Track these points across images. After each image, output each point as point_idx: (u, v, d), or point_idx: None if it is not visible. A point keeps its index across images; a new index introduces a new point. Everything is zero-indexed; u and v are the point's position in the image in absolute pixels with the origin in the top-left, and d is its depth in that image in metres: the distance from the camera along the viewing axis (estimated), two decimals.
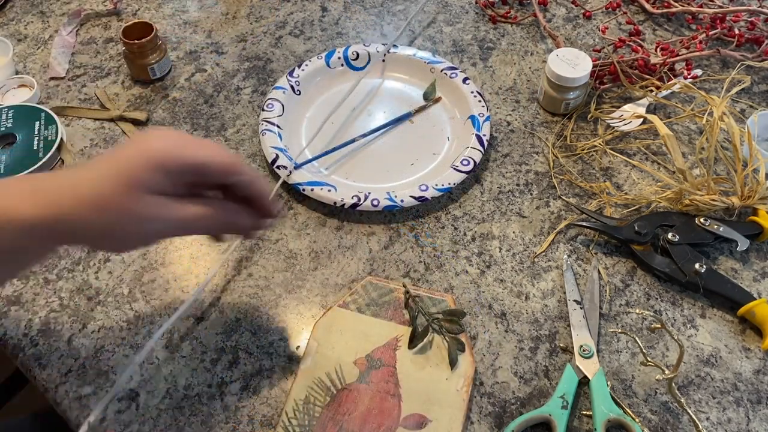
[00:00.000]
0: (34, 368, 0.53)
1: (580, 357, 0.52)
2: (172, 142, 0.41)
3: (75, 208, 0.40)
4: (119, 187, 0.39)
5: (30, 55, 0.79)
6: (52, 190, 0.40)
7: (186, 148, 0.41)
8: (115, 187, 0.39)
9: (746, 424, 0.51)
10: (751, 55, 0.76)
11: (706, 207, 0.60)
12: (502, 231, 0.62)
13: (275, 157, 0.65)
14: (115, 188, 0.39)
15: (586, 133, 0.71)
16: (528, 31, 0.82)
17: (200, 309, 0.56)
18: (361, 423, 0.49)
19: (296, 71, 0.74)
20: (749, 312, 0.55)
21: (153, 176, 0.40)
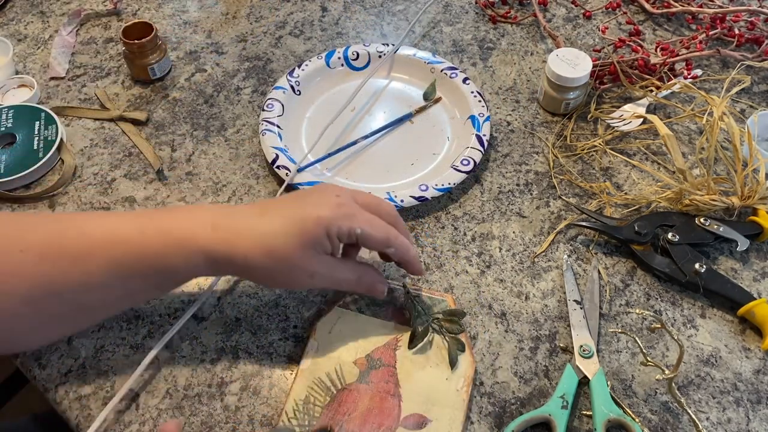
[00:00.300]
0: (34, 368, 0.53)
1: (580, 357, 0.52)
2: (342, 212, 0.47)
3: (249, 251, 0.46)
4: (295, 246, 0.46)
5: (30, 55, 0.79)
6: (231, 231, 0.47)
7: (353, 219, 0.48)
8: (291, 245, 0.46)
9: (746, 424, 0.51)
10: (751, 55, 0.76)
11: (706, 207, 0.60)
12: (502, 231, 0.62)
13: (275, 157, 0.65)
14: (292, 246, 0.46)
15: (586, 133, 0.71)
16: (528, 31, 0.82)
17: (200, 309, 0.56)
18: (361, 423, 0.49)
19: (296, 71, 0.74)
20: (749, 312, 0.55)
21: (323, 241, 0.47)
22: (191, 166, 0.68)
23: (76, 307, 0.47)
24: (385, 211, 0.51)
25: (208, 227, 0.47)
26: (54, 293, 0.46)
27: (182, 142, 0.70)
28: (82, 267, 0.46)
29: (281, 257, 0.47)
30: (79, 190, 0.66)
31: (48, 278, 0.46)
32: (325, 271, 0.49)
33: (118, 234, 0.47)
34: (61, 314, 0.47)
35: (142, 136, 0.70)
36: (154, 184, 0.66)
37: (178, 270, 0.48)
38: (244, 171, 0.67)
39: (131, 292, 0.49)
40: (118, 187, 0.66)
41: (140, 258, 0.46)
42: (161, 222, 0.48)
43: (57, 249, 0.46)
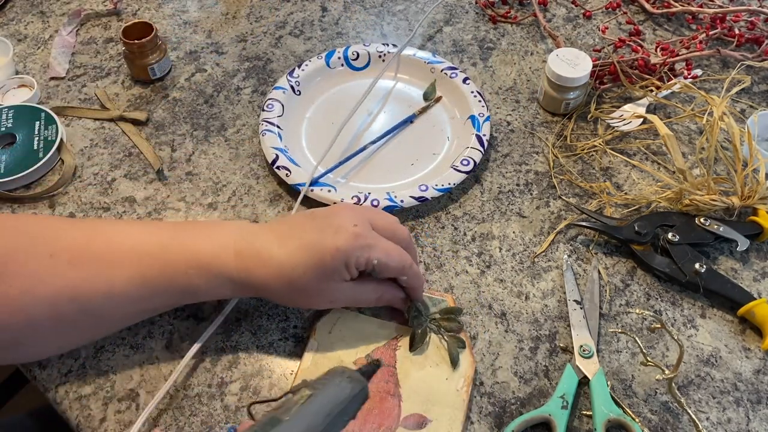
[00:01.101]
0: (34, 368, 0.53)
1: (580, 357, 0.52)
2: (360, 243, 0.48)
3: (270, 281, 0.48)
4: (314, 278, 0.48)
5: (30, 55, 0.79)
6: (253, 260, 0.48)
7: (371, 249, 0.48)
8: (310, 276, 0.48)
9: (746, 424, 0.51)
10: (751, 55, 0.76)
11: (706, 207, 0.60)
12: (502, 231, 0.62)
13: (275, 157, 0.65)
14: (310, 277, 0.48)
15: (586, 133, 0.71)
16: (528, 31, 0.82)
17: (200, 309, 0.56)
18: (361, 423, 0.49)
19: (296, 71, 0.74)
20: (749, 312, 0.55)
21: (340, 270, 0.48)
22: (191, 166, 0.68)
23: (96, 316, 0.48)
24: (400, 236, 0.52)
25: (231, 253, 0.48)
26: (77, 300, 0.47)
27: (182, 142, 0.70)
28: (108, 275, 0.47)
29: (301, 288, 0.48)
30: (79, 190, 0.66)
31: (74, 285, 0.47)
32: (344, 297, 0.51)
33: (144, 248, 0.48)
34: (80, 322, 0.48)
35: (142, 136, 0.70)
36: (154, 184, 0.66)
37: (200, 290, 0.49)
38: (244, 171, 0.67)
39: (152, 305, 0.50)
40: (118, 187, 0.66)
41: (164, 274, 0.48)
42: (185, 241, 0.49)
43: (85, 256, 0.48)
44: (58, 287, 0.46)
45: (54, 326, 0.47)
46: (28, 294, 0.46)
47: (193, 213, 0.64)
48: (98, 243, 0.49)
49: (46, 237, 0.48)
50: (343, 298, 0.51)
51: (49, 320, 0.47)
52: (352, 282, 0.50)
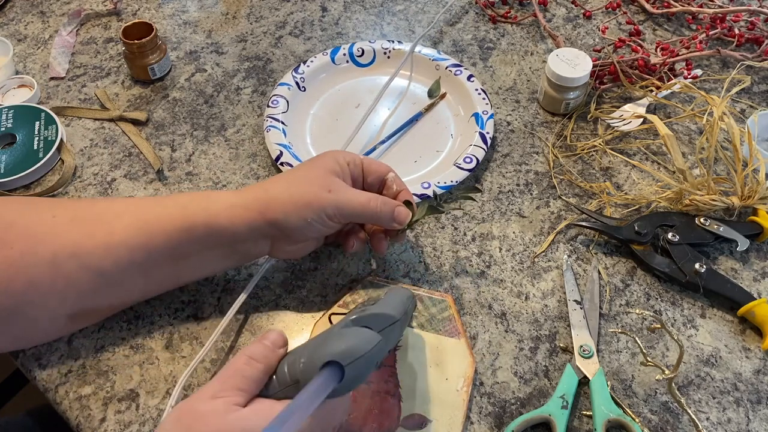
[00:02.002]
0: (34, 368, 0.53)
1: (580, 357, 0.52)
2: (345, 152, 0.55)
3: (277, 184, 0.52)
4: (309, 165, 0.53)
5: (30, 55, 0.79)
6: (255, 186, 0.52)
7: (355, 154, 0.55)
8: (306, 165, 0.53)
9: (746, 424, 0.51)
10: (751, 55, 0.76)
11: (706, 207, 0.60)
12: (502, 231, 0.62)
13: (279, 153, 0.65)
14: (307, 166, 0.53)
15: (586, 133, 0.71)
16: (528, 31, 0.82)
17: (200, 309, 0.56)
18: (361, 423, 0.49)
19: (301, 67, 0.74)
20: (749, 312, 0.55)
21: (333, 163, 0.52)
22: (191, 166, 0.68)
23: (95, 272, 0.48)
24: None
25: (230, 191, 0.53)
26: (76, 255, 0.47)
27: (182, 142, 0.70)
28: (107, 227, 0.48)
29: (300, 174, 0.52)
30: (79, 190, 0.66)
31: (74, 241, 0.48)
32: (338, 187, 0.52)
33: (145, 200, 0.51)
34: (81, 281, 0.48)
35: (142, 136, 0.70)
36: (154, 184, 0.66)
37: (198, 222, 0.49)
38: (244, 171, 0.67)
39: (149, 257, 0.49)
40: (118, 187, 0.66)
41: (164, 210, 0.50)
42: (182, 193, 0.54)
43: (86, 214, 0.50)
44: (59, 245, 0.47)
45: (56, 286, 0.47)
46: (28, 254, 0.46)
47: None
48: (100, 204, 0.51)
49: (48, 204, 0.51)
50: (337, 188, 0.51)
51: (51, 280, 0.47)
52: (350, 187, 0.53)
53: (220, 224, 0.49)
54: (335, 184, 0.51)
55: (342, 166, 0.53)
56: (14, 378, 1.18)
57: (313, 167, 0.52)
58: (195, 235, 0.49)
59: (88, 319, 0.53)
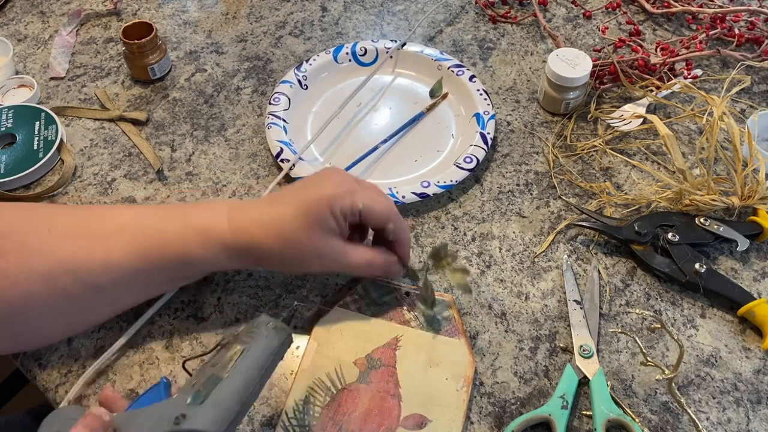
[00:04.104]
0: (34, 368, 0.53)
1: (580, 357, 0.52)
2: (344, 189, 0.49)
3: (261, 236, 0.49)
4: (302, 227, 0.48)
5: (30, 55, 0.79)
6: (245, 221, 0.49)
7: (355, 195, 0.49)
8: (299, 226, 0.48)
9: (746, 424, 0.51)
10: (751, 55, 0.76)
11: (706, 207, 0.60)
12: (502, 231, 0.62)
13: (280, 150, 0.65)
14: (299, 227, 0.48)
15: (586, 133, 0.71)
16: (528, 31, 0.82)
17: (200, 309, 0.56)
18: (361, 423, 0.49)
19: (303, 65, 0.74)
20: (749, 312, 0.55)
21: (328, 219, 0.48)
22: (191, 166, 0.68)
23: (93, 288, 0.48)
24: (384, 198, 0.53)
25: (224, 220, 0.50)
26: (73, 271, 0.47)
27: (182, 142, 0.70)
28: (105, 246, 0.48)
29: (291, 239, 0.49)
30: (79, 190, 0.66)
31: (70, 255, 0.47)
32: (333, 253, 0.50)
33: (142, 220, 0.50)
34: (78, 295, 0.48)
35: (142, 136, 0.70)
36: (154, 184, 0.66)
37: (196, 259, 0.50)
38: (244, 171, 0.67)
39: (149, 278, 0.50)
40: (118, 187, 0.66)
41: (161, 244, 0.49)
42: (183, 212, 0.51)
43: (82, 228, 0.49)
44: (55, 259, 0.47)
45: (52, 300, 0.47)
46: (24, 267, 0.46)
47: None
48: (96, 217, 0.50)
49: (44, 214, 0.50)
50: (331, 254, 0.50)
51: (47, 293, 0.47)
52: (341, 241, 0.50)
53: (217, 262, 0.51)
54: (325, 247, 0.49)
55: (338, 220, 0.49)
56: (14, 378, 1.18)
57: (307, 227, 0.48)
58: (193, 266, 0.51)
59: (87, 325, 0.54)
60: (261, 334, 0.43)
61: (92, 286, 0.48)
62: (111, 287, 0.49)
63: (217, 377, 0.40)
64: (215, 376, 0.41)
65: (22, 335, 0.50)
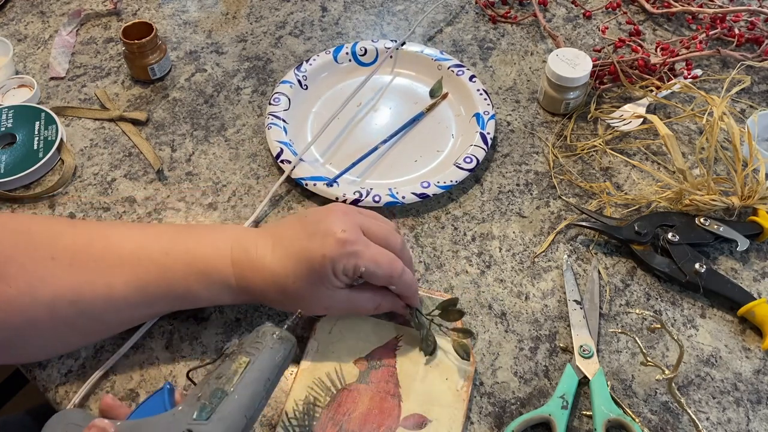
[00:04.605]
0: (34, 368, 0.53)
1: (580, 357, 0.52)
2: (347, 250, 0.47)
3: (265, 289, 0.49)
4: (305, 285, 0.48)
5: (30, 55, 0.79)
6: (248, 268, 0.49)
7: (358, 256, 0.47)
8: (301, 284, 0.48)
9: (746, 424, 0.51)
10: (751, 55, 0.76)
11: (706, 207, 0.60)
12: (502, 231, 0.62)
13: (280, 151, 0.65)
14: (301, 285, 0.48)
15: (586, 133, 0.71)
16: (528, 31, 0.82)
17: (201, 309, 0.56)
18: (361, 423, 0.49)
19: (303, 65, 0.74)
20: (749, 312, 0.55)
21: (330, 278, 0.47)
22: (191, 166, 0.68)
23: (95, 319, 0.48)
24: (393, 243, 0.50)
25: (228, 262, 0.49)
26: (76, 303, 0.47)
27: (182, 142, 0.70)
28: (108, 279, 0.47)
29: (295, 294, 0.49)
30: (79, 190, 0.66)
31: (73, 287, 0.47)
32: (339, 304, 0.50)
33: (143, 252, 0.49)
34: (79, 324, 0.48)
35: (142, 136, 0.70)
36: (154, 184, 0.66)
37: (200, 297, 0.50)
38: (244, 171, 0.67)
39: (152, 310, 0.51)
40: (118, 187, 0.66)
41: (163, 280, 0.48)
42: (185, 246, 0.50)
43: (84, 258, 0.48)
44: (58, 289, 0.46)
45: (53, 328, 0.47)
46: (27, 295, 0.46)
47: (193, 213, 0.64)
48: (98, 245, 0.49)
49: (47, 238, 0.49)
50: (339, 305, 0.50)
51: (49, 321, 0.47)
52: (347, 289, 0.49)
53: (221, 301, 0.51)
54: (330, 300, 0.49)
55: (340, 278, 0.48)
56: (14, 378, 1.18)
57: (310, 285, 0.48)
58: (196, 303, 0.51)
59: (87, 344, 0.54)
60: (266, 345, 0.43)
61: (94, 317, 0.48)
62: (113, 318, 0.49)
63: (222, 392, 0.40)
64: (221, 390, 0.40)
65: (23, 355, 0.51)
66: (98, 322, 0.49)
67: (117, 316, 0.49)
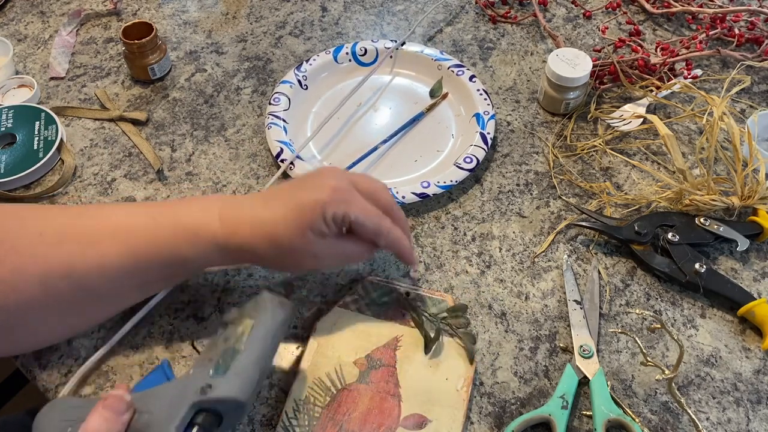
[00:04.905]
0: (34, 368, 0.53)
1: (580, 357, 0.52)
2: (339, 197, 0.48)
3: (254, 239, 0.48)
4: (295, 231, 0.48)
5: (30, 55, 0.79)
6: (237, 222, 0.49)
7: (349, 205, 0.48)
8: (291, 230, 0.48)
9: (746, 424, 0.51)
10: (751, 55, 0.76)
11: (706, 207, 0.60)
12: (502, 231, 0.62)
13: (280, 150, 0.65)
14: (292, 231, 0.48)
15: (586, 133, 0.71)
16: (528, 31, 0.82)
17: (200, 309, 0.56)
18: (361, 423, 0.49)
19: (303, 65, 0.74)
20: (749, 312, 0.55)
21: (320, 224, 0.48)
22: (191, 166, 0.68)
23: (89, 291, 0.48)
24: (382, 199, 0.51)
25: (216, 218, 0.49)
26: (69, 276, 0.47)
27: (182, 142, 0.70)
28: (99, 250, 0.47)
29: (284, 243, 0.48)
30: (79, 190, 0.66)
31: (64, 260, 0.47)
32: (328, 252, 0.50)
33: (132, 220, 0.49)
34: (74, 299, 0.48)
35: (142, 136, 0.70)
36: (154, 184, 0.66)
37: (189, 259, 0.49)
38: (244, 171, 0.67)
39: (144, 280, 0.50)
40: (118, 187, 0.66)
41: (153, 245, 0.48)
42: (173, 210, 0.50)
43: (74, 232, 0.48)
44: (49, 264, 0.47)
45: (49, 306, 0.47)
46: (18, 272, 0.46)
47: None
48: (86, 220, 0.50)
49: (35, 219, 0.49)
50: (326, 253, 0.50)
51: (44, 299, 0.47)
52: (335, 239, 0.50)
53: (210, 262, 0.50)
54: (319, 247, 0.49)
55: (329, 225, 0.48)
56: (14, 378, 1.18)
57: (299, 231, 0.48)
58: (186, 266, 0.50)
59: (88, 325, 0.54)
60: (267, 308, 0.46)
61: (89, 289, 0.48)
62: (107, 290, 0.49)
63: (234, 350, 0.43)
64: (232, 349, 0.43)
65: (22, 340, 0.51)
66: (93, 297, 0.49)
67: (111, 288, 0.49)
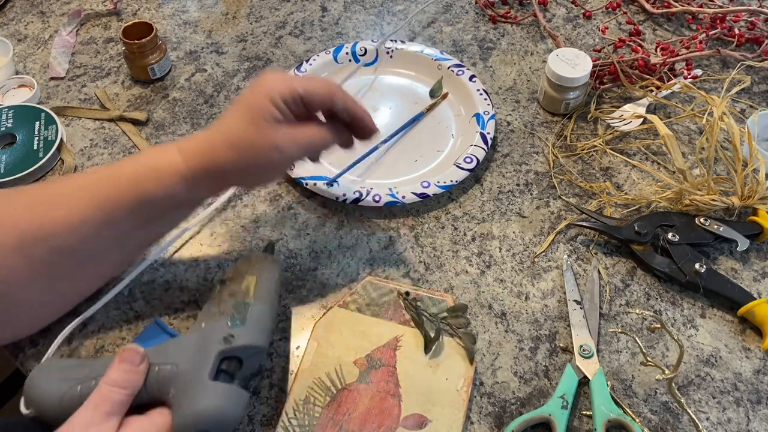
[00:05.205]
0: (35, 368, 0.53)
1: (580, 357, 0.52)
2: (280, 80, 0.49)
3: (213, 151, 0.48)
4: (249, 125, 0.48)
5: (30, 55, 0.79)
6: (193, 147, 0.49)
7: (292, 82, 0.49)
8: (245, 125, 0.48)
9: (746, 424, 0.51)
10: (751, 55, 0.76)
11: (706, 207, 0.60)
12: (502, 231, 0.62)
13: None
14: (246, 126, 0.48)
15: (586, 133, 0.71)
16: (528, 31, 0.82)
17: (200, 308, 0.56)
18: (361, 423, 0.49)
19: (304, 65, 0.74)
20: (749, 312, 0.55)
21: (269, 107, 0.48)
22: None
23: (66, 252, 0.48)
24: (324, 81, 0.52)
25: (175, 152, 0.49)
26: (44, 240, 0.47)
27: None
28: (66, 208, 0.48)
29: (242, 141, 0.48)
30: None
31: (35, 224, 0.47)
32: (289, 139, 0.49)
33: (95, 175, 0.50)
34: (54, 264, 0.48)
35: (142, 136, 0.70)
36: None
37: (156, 197, 0.49)
38: None
39: (117, 231, 0.50)
40: None
41: (116, 190, 0.48)
42: (133, 158, 0.51)
43: (43, 196, 0.50)
44: (23, 231, 0.47)
45: (31, 272, 0.47)
46: None
47: (193, 213, 0.64)
48: (55, 185, 0.51)
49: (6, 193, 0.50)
50: (287, 141, 0.49)
51: (24, 266, 0.47)
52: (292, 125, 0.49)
53: (177, 195, 0.49)
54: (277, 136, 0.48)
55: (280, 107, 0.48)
56: (14, 378, 1.18)
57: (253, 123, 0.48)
58: (154, 205, 0.50)
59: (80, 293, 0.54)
60: (264, 264, 0.51)
61: (64, 250, 0.48)
62: (82, 247, 0.49)
63: (245, 303, 0.47)
64: (243, 303, 0.47)
65: (19, 319, 0.50)
66: (72, 257, 0.49)
67: (86, 244, 0.49)
